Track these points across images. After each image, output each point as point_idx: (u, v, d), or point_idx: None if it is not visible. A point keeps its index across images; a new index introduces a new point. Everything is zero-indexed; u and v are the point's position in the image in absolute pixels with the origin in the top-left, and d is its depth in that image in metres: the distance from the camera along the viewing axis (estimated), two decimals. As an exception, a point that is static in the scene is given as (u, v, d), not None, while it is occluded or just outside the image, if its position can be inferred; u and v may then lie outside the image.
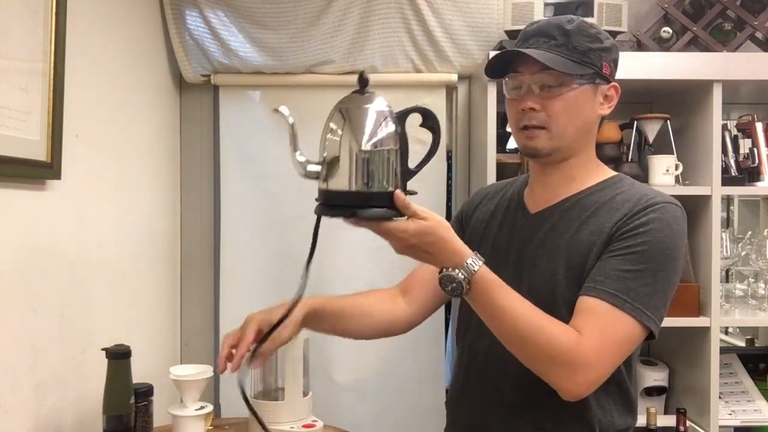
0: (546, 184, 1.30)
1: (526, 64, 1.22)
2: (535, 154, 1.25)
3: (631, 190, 1.24)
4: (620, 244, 1.16)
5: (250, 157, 2.34)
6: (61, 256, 1.59)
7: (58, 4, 1.51)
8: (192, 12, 2.26)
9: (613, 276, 1.13)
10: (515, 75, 1.25)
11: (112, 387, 1.50)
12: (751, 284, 2.24)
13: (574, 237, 1.21)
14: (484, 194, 1.46)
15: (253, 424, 1.74)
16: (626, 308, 1.12)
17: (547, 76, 1.21)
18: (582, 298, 1.15)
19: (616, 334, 1.12)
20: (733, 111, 2.29)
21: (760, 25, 2.10)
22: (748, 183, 2.10)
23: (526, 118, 1.23)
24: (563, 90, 1.21)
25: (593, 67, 1.22)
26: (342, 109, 1.06)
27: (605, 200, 1.23)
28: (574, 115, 1.22)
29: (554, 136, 1.22)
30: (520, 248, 1.28)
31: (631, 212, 1.18)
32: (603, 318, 1.12)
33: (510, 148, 2.32)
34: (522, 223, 1.31)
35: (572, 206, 1.26)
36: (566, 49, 1.21)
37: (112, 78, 1.87)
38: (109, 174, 1.84)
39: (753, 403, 2.10)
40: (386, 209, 1.03)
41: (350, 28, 2.25)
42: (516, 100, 1.25)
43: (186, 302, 2.39)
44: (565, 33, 1.21)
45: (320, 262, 2.30)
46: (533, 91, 1.22)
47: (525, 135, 1.25)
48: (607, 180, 1.28)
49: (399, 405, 2.33)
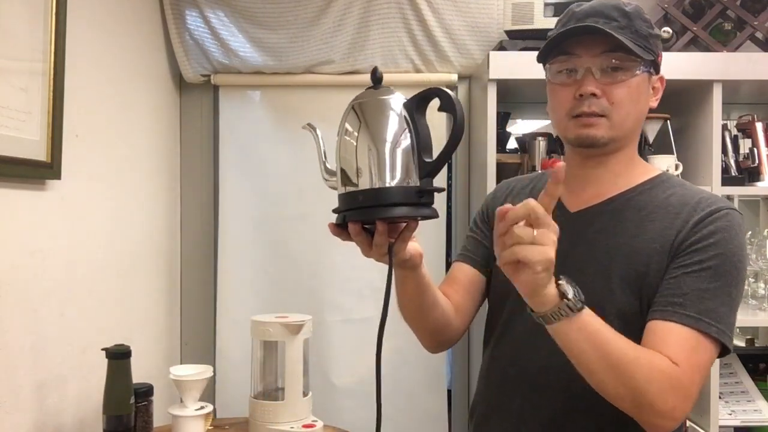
0: (588, 180, 1.19)
1: (585, 45, 1.11)
2: (593, 143, 1.13)
3: (683, 190, 1.15)
4: (691, 258, 1.06)
5: (249, 157, 2.34)
6: (61, 256, 1.59)
7: (58, 4, 1.51)
8: (192, 12, 2.26)
9: (693, 297, 1.04)
10: (570, 57, 1.12)
11: (112, 387, 1.50)
12: (751, 284, 2.24)
13: (630, 242, 1.11)
14: (507, 190, 1.34)
15: (254, 423, 1.74)
16: (711, 331, 1.03)
17: (611, 59, 1.10)
18: (664, 323, 1.05)
19: (702, 359, 1.04)
20: (733, 111, 2.29)
21: (760, 25, 2.10)
22: (748, 183, 2.10)
23: (585, 104, 1.11)
24: (628, 75, 1.11)
25: (653, 54, 1.13)
26: (355, 105, 0.99)
27: (659, 202, 1.13)
28: (635, 104, 1.13)
29: (615, 125, 1.12)
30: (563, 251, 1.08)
31: (695, 219, 1.09)
32: (690, 343, 1.03)
33: (510, 148, 2.32)
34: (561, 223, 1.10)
35: (622, 207, 1.15)
36: (630, 31, 1.10)
37: (112, 78, 1.87)
38: (109, 174, 1.84)
39: (753, 403, 2.09)
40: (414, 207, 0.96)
41: (350, 28, 2.25)
42: (569, 85, 1.13)
43: (186, 302, 2.39)
44: (625, 15, 1.11)
45: (318, 262, 2.31)
46: (593, 74, 1.11)
47: (581, 122, 1.12)
48: (653, 178, 1.18)
49: (399, 408, 2.32)
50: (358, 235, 1.00)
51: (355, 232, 0.99)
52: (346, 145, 0.98)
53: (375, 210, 0.95)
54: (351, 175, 0.97)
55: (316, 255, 2.30)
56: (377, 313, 1.03)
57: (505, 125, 2.26)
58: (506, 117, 2.25)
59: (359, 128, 0.97)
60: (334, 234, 1.03)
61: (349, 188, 0.97)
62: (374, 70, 1.01)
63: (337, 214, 1.00)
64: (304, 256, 2.32)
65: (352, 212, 0.97)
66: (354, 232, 1.00)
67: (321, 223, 1.10)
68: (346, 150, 0.98)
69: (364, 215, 0.96)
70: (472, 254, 1.31)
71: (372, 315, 2.29)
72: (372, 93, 1.00)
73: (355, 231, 0.99)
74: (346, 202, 0.98)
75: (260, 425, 1.72)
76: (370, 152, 0.95)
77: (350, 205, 0.97)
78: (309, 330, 1.78)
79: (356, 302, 2.30)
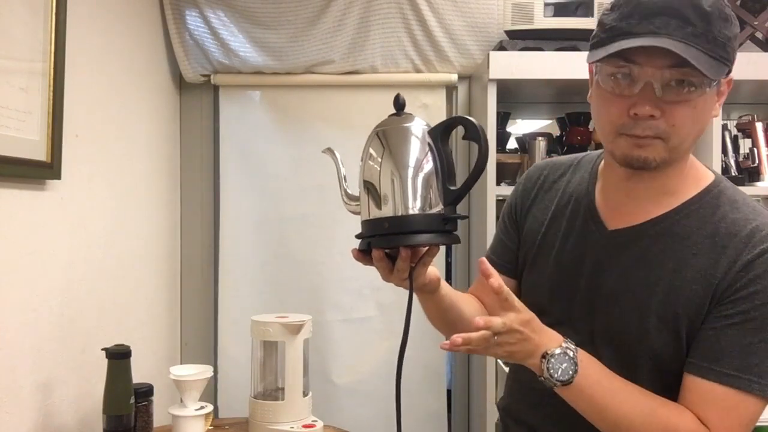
0: (630, 194, 1.05)
1: (648, 54, 0.93)
2: (644, 166, 0.98)
3: (733, 213, 1.00)
4: (734, 308, 0.96)
5: (249, 157, 2.34)
6: (61, 256, 1.59)
7: (58, 4, 1.51)
8: (192, 12, 2.26)
9: (734, 353, 0.95)
10: (629, 65, 0.94)
11: (112, 387, 1.50)
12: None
13: (670, 278, 1.00)
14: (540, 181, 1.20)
15: (254, 423, 1.74)
16: (753, 389, 0.95)
17: (678, 73, 0.92)
18: (700, 381, 0.96)
19: (742, 417, 0.96)
20: (733, 111, 2.29)
21: (760, 25, 2.10)
22: (748, 183, 2.10)
23: (639, 127, 0.95)
24: (695, 95, 0.94)
25: (730, 65, 0.96)
26: (379, 132, 1.00)
27: (707, 229, 1.00)
28: (698, 124, 0.97)
29: (672, 148, 0.96)
30: (594, 273, 1.06)
31: (742, 261, 0.96)
32: (727, 403, 0.95)
33: (510, 148, 2.32)
34: (596, 240, 1.07)
35: (665, 232, 1.02)
36: (706, 40, 0.91)
37: (112, 78, 1.87)
38: (109, 174, 1.84)
39: (753, 403, 2.09)
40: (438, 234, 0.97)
41: (350, 28, 2.25)
42: (623, 96, 0.96)
43: (186, 302, 2.39)
44: (704, 17, 0.91)
45: (318, 262, 2.31)
46: (654, 90, 0.93)
47: (632, 142, 0.96)
48: (703, 193, 1.03)
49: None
50: (381, 261, 1.00)
51: (378, 257, 1.00)
52: (371, 172, 0.99)
53: (400, 237, 0.96)
54: (375, 201, 0.98)
55: (316, 255, 2.30)
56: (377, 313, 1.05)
57: (505, 125, 2.26)
58: (506, 117, 2.25)
59: (383, 155, 0.98)
60: (357, 259, 1.03)
61: (374, 214, 0.98)
62: (397, 97, 1.01)
63: (361, 239, 1.01)
64: (304, 256, 2.32)
65: (377, 239, 0.98)
66: (377, 257, 1.00)
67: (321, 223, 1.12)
68: (371, 176, 0.98)
69: (390, 242, 0.97)
70: (499, 259, 1.22)
71: (372, 315, 2.29)
72: (396, 120, 1.01)
73: (378, 257, 0.99)
74: (370, 229, 0.99)
75: (260, 425, 1.72)
76: (394, 179, 0.96)
77: (375, 231, 0.98)
78: (309, 330, 1.78)
79: (356, 302, 2.29)
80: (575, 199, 1.12)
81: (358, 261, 1.03)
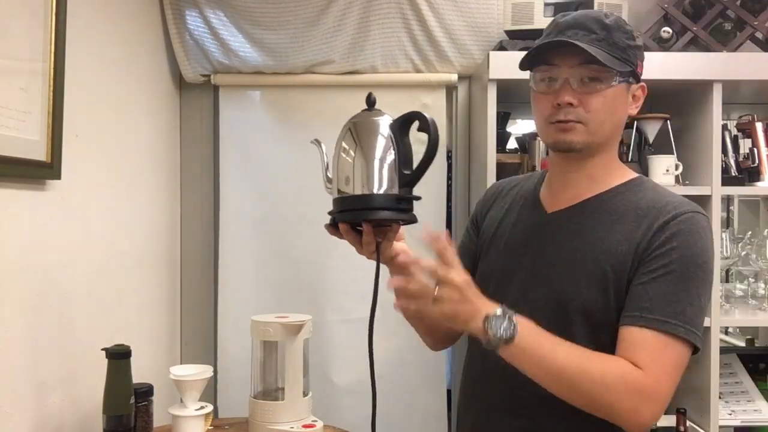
0: (567, 183, 1.25)
1: (563, 57, 1.17)
2: (569, 148, 1.19)
3: (654, 194, 1.20)
4: (656, 263, 1.12)
5: (249, 157, 2.34)
6: (61, 256, 1.59)
7: (58, 4, 1.51)
8: (192, 12, 2.26)
9: (660, 302, 1.10)
10: (550, 67, 1.19)
11: (112, 387, 1.51)
12: (751, 284, 2.24)
13: (599, 244, 1.17)
14: (497, 192, 1.41)
15: (254, 423, 1.74)
16: (679, 332, 1.09)
17: (587, 71, 1.16)
18: (631, 329, 1.11)
19: (672, 360, 1.10)
20: (733, 111, 2.29)
21: (760, 25, 2.10)
22: (748, 183, 2.10)
23: (562, 113, 1.17)
24: (603, 86, 1.17)
25: (631, 65, 1.19)
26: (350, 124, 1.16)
27: (630, 205, 1.19)
28: (611, 113, 1.19)
29: (591, 131, 1.18)
30: (537, 249, 1.24)
31: (658, 223, 1.14)
32: (657, 346, 1.09)
33: (510, 148, 2.32)
34: (538, 222, 1.27)
35: (595, 208, 1.22)
36: (607, 44, 1.16)
37: (112, 78, 1.87)
38: (109, 174, 1.84)
39: (753, 403, 2.09)
40: (393, 211, 1.11)
41: (350, 28, 2.25)
42: (549, 93, 1.19)
43: (186, 302, 2.39)
44: (604, 27, 1.17)
45: (318, 262, 2.31)
46: (570, 85, 1.17)
47: (558, 128, 1.18)
48: (628, 182, 1.24)
49: (399, 408, 2.32)
50: (348, 234, 1.15)
51: (344, 230, 1.15)
52: (340, 158, 1.15)
53: (360, 213, 1.12)
54: (343, 183, 1.13)
55: (316, 255, 2.30)
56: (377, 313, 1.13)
57: (505, 125, 2.26)
58: (506, 117, 2.25)
59: (351, 143, 1.14)
60: (329, 233, 1.18)
61: (341, 193, 1.14)
62: (369, 95, 1.17)
63: (331, 216, 1.17)
64: (304, 256, 2.31)
65: (342, 214, 1.14)
66: (343, 230, 1.15)
67: (321, 223, 1.19)
68: (340, 161, 1.15)
69: (351, 217, 1.13)
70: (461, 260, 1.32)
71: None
72: (365, 114, 1.17)
73: (345, 230, 1.15)
74: (337, 206, 1.15)
75: (260, 425, 1.72)
76: (359, 164, 1.12)
77: (340, 207, 1.15)
78: (309, 330, 1.78)
79: (356, 302, 2.29)
80: (524, 197, 1.33)
81: (331, 235, 1.18)
